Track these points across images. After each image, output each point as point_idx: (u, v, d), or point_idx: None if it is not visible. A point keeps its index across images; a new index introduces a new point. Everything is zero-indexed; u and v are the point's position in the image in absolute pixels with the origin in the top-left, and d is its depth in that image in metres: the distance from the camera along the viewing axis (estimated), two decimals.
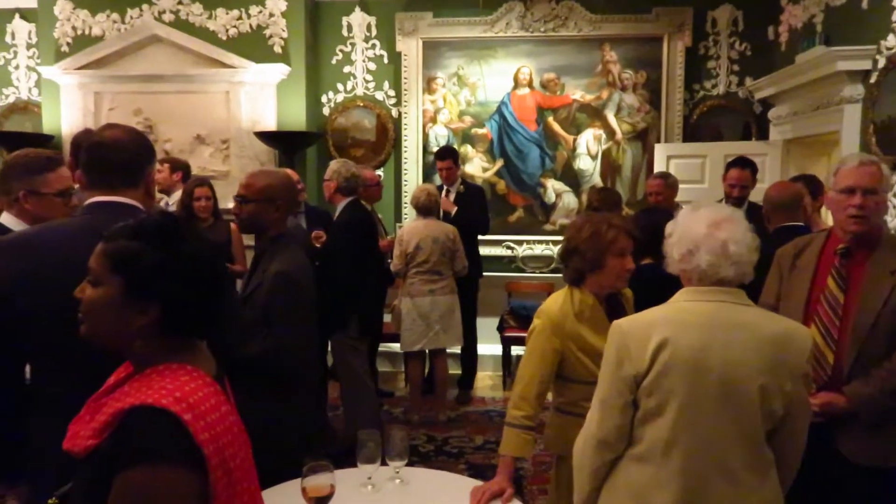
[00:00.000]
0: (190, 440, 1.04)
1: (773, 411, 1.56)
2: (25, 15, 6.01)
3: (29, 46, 6.08)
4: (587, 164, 5.72)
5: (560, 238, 5.47)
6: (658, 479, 1.59)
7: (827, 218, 3.71)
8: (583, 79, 5.66)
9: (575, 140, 5.71)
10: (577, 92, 5.67)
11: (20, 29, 6.05)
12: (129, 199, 1.70)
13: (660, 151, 5.42)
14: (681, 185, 4.53)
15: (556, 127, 5.71)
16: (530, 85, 5.70)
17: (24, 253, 1.60)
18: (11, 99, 6.17)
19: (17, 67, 6.14)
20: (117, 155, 1.70)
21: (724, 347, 1.54)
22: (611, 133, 5.68)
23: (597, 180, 5.70)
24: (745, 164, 4.04)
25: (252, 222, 2.37)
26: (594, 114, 5.68)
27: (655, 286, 2.46)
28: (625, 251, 2.11)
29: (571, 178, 5.75)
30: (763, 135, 5.44)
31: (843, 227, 2.11)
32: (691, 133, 5.61)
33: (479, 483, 2.05)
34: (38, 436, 1.63)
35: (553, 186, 5.77)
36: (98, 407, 1.13)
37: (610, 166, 5.71)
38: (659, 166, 5.29)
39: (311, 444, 2.36)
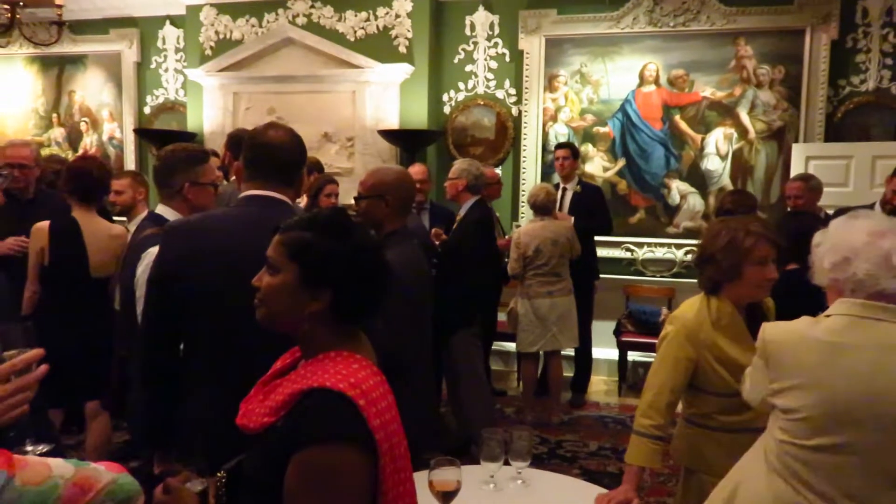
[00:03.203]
0: (364, 425, 1.08)
1: None
2: (175, 21, 6.49)
3: (177, 51, 6.57)
4: (716, 165, 5.44)
5: (684, 241, 5.38)
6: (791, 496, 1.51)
7: None
8: (714, 75, 5.39)
9: (703, 139, 5.45)
10: (706, 89, 5.41)
11: (170, 35, 6.55)
12: (282, 195, 1.80)
13: (798, 152, 5.07)
14: (823, 189, 4.22)
15: (684, 125, 5.48)
16: (656, 82, 5.50)
17: (189, 238, 1.73)
18: (161, 100, 6.70)
19: (166, 70, 6.65)
20: (281, 155, 1.81)
21: (889, 373, 1.41)
22: (743, 132, 5.37)
23: (726, 182, 5.41)
24: None
25: (367, 218, 2.43)
26: (725, 112, 5.39)
27: (800, 294, 2.31)
28: (765, 259, 1.97)
29: (698, 179, 5.49)
30: None
31: None
32: (835, 132, 5.20)
33: (602, 490, 2.00)
34: (191, 410, 1.75)
35: (678, 187, 5.53)
36: (272, 388, 1.20)
37: (741, 167, 5.40)
38: (796, 168, 4.94)
39: (419, 441, 2.37)
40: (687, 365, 1.99)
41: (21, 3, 4.17)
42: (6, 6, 4.07)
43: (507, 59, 5.81)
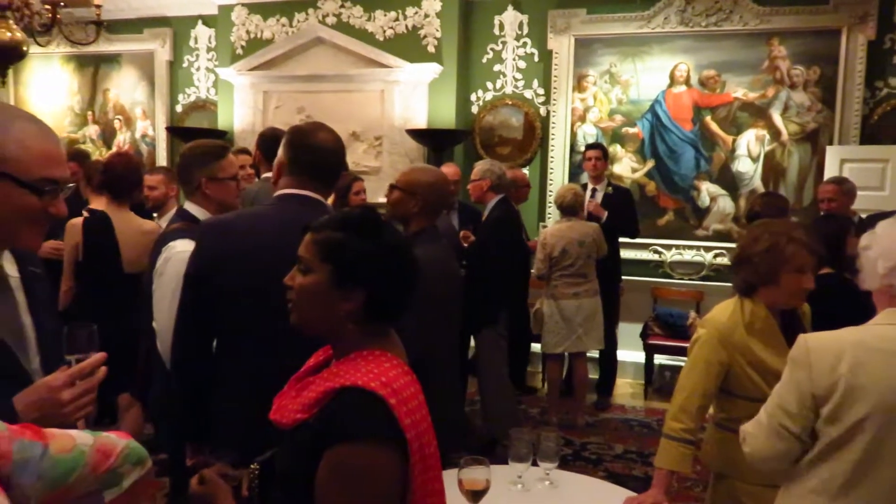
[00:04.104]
0: (395, 424, 1.09)
1: None
2: (207, 21, 6.58)
3: (209, 50, 6.66)
4: (747, 167, 5.37)
5: (713, 244, 5.32)
6: None
7: None
8: (746, 76, 5.32)
9: (734, 141, 5.38)
10: (738, 90, 5.34)
11: (202, 34, 6.64)
12: (318, 195, 1.81)
13: (832, 154, 4.98)
14: (857, 193, 4.15)
15: (714, 126, 5.41)
16: (687, 82, 5.44)
17: (224, 236, 1.75)
18: (192, 98, 6.80)
19: (198, 69, 6.75)
20: (328, 158, 1.84)
21: None
22: (776, 134, 5.29)
23: (757, 184, 5.33)
24: None
25: (395, 208, 2.45)
26: (757, 113, 5.31)
27: (835, 298, 2.27)
28: (804, 268, 1.93)
29: (728, 180, 5.42)
30: None
31: None
32: (870, 135, 5.09)
33: (631, 493, 1.99)
34: (223, 405, 1.77)
35: (707, 189, 5.47)
36: (305, 385, 1.21)
37: (773, 169, 5.32)
38: (830, 171, 4.85)
39: (446, 441, 2.38)
40: (719, 369, 1.96)
41: (62, 3, 4.26)
42: (48, 6, 4.16)
43: (536, 58, 5.79)
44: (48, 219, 1.21)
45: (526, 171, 5.65)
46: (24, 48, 4.13)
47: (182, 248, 2.09)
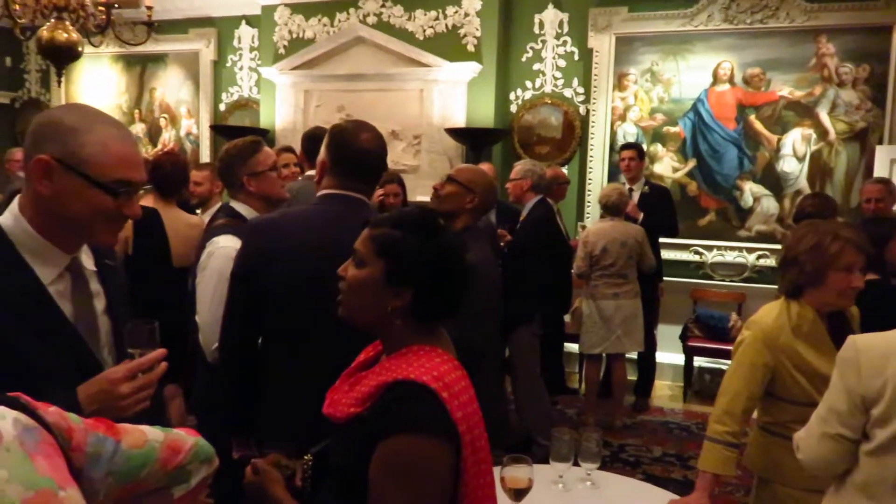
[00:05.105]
0: (447, 417, 1.11)
1: None
2: (250, 21, 6.70)
3: (251, 49, 6.78)
4: (792, 167, 5.26)
5: (756, 245, 5.23)
6: None
7: None
8: (792, 74, 5.20)
9: (779, 140, 5.27)
10: (784, 88, 5.23)
11: (245, 34, 6.77)
12: (362, 195, 1.84)
13: (882, 154, 4.85)
14: None
15: (759, 126, 5.31)
16: (731, 81, 5.35)
17: (270, 234, 1.78)
18: (235, 97, 6.93)
19: (241, 69, 6.87)
20: (370, 160, 1.85)
21: None
22: (823, 133, 5.17)
23: (803, 185, 5.22)
24: None
25: (446, 200, 2.48)
26: (804, 112, 5.20)
27: (882, 304, 2.23)
28: (852, 266, 1.89)
29: (773, 181, 5.32)
30: None
31: None
32: None
33: (673, 496, 1.98)
34: (271, 399, 1.82)
35: (751, 190, 5.37)
36: (357, 380, 1.24)
37: (819, 169, 5.20)
38: (880, 171, 4.73)
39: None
40: (764, 372, 1.94)
41: (115, 5, 4.39)
42: (102, 7, 4.30)
43: (576, 57, 5.75)
44: (123, 219, 1.25)
45: (565, 170, 5.62)
46: (80, 48, 4.27)
47: (225, 244, 2.13)
